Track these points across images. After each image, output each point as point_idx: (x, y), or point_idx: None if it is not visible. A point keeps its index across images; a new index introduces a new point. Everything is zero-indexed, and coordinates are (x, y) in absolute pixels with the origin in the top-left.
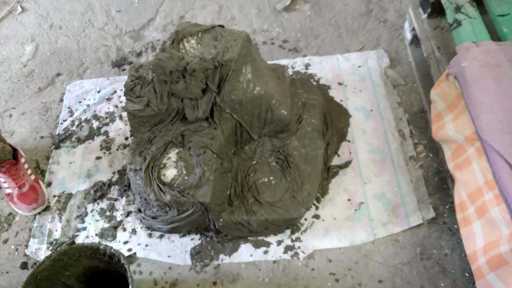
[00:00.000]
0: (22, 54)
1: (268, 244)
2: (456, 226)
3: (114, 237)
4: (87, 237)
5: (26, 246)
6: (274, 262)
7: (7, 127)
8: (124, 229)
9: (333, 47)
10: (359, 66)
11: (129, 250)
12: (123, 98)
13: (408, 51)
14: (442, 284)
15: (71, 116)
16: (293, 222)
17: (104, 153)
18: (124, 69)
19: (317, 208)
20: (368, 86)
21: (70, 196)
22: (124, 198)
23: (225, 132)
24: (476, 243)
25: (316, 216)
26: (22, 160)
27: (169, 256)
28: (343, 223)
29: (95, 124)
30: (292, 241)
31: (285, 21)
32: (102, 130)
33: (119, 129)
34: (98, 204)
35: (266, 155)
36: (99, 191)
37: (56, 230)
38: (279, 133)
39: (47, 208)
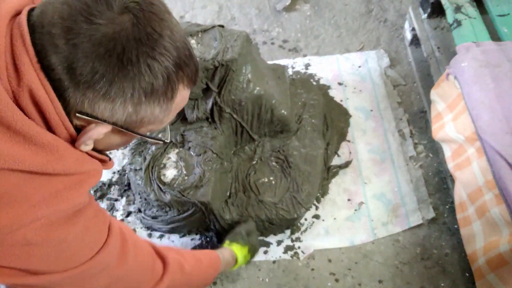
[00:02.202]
0: None
1: (268, 244)
2: (456, 226)
3: None
4: None
5: None
6: (274, 262)
7: None
8: None
9: (333, 47)
10: (359, 66)
11: None
12: None
13: (408, 51)
14: (442, 284)
15: None
16: (293, 222)
17: None
18: None
19: (317, 208)
20: (368, 86)
21: None
22: (124, 198)
23: (225, 132)
24: (476, 243)
25: (316, 216)
26: None
27: None
28: (343, 223)
29: None
30: (292, 241)
31: (285, 21)
32: None
33: None
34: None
35: (266, 155)
36: (99, 191)
37: None
38: (279, 133)
39: None
